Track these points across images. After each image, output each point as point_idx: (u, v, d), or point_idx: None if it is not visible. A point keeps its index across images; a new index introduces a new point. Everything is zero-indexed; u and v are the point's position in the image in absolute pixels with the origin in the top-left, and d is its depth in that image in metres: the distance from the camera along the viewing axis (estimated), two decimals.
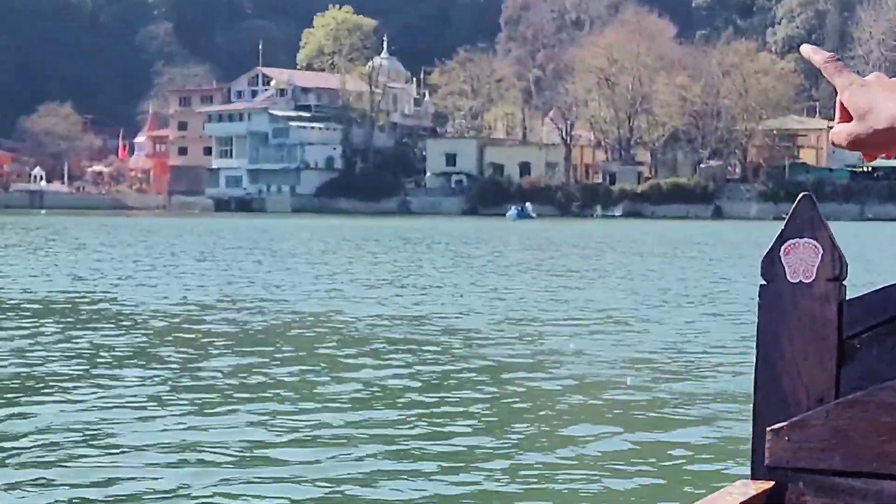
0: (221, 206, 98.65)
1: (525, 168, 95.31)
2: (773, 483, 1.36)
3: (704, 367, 10.64)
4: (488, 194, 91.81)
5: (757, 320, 1.42)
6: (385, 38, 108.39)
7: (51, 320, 14.13)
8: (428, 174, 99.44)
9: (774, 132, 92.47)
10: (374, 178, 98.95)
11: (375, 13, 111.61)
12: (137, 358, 10.95)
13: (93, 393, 8.66)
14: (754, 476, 1.39)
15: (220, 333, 13.08)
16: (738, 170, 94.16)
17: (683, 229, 58.51)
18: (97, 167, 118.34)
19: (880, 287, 1.37)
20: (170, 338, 12.84)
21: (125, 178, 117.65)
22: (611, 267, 26.20)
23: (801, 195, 1.41)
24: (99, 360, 10.72)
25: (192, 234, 46.22)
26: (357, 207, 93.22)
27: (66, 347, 11.38)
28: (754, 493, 1.32)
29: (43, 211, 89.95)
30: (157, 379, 9.54)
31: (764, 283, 1.41)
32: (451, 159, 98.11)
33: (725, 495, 1.33)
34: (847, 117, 0.99)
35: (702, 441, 7.46)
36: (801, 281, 1.38)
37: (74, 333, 12.58)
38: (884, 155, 1.01)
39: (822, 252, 1.36)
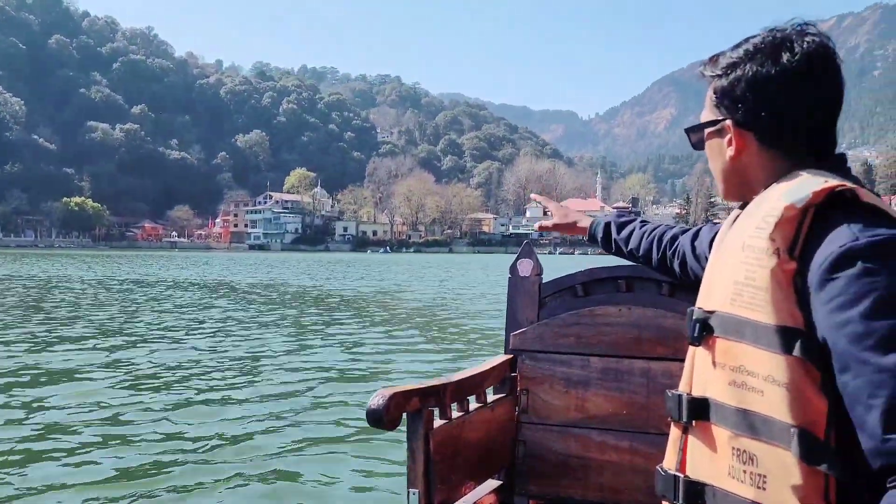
0: (252, 248, 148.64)
1: (374, 232, 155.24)
2: (512, 356, 2.44)
3: (473, 313, 14.22)
4: (361, 243, 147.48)
5: (507, 291, 2.51)
6: (319, 180, 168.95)
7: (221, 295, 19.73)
8: (336, 235, 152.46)
9: (473, 219, 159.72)
10: (314, 238, 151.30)
11: (316, 169, 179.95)
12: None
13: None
14: (505, 352, 2.48)
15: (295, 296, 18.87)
16: (459, 233, 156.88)
17: (442, 257, 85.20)
18: (199, 231, 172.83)
19: (555, 279, 2.48)
20: (269, 298, 18.40)
21: (211, 236, 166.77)
22: (432, 269, 40.96)
23: (525, 242, 2.58)
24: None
25: (245, 260, 62.32)
26: (307, 250, 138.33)
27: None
28: (505, 359, 2.40)
29: (176, 250, 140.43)
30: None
31: (510, 276, 2.51)
32: (344, 228, 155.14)
33: (495, 360, 2.40)
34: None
35: (483, 344, 9.74)
36: (526, 276, 2.49)
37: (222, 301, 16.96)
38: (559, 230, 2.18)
39: (533, 264, 2.49)
